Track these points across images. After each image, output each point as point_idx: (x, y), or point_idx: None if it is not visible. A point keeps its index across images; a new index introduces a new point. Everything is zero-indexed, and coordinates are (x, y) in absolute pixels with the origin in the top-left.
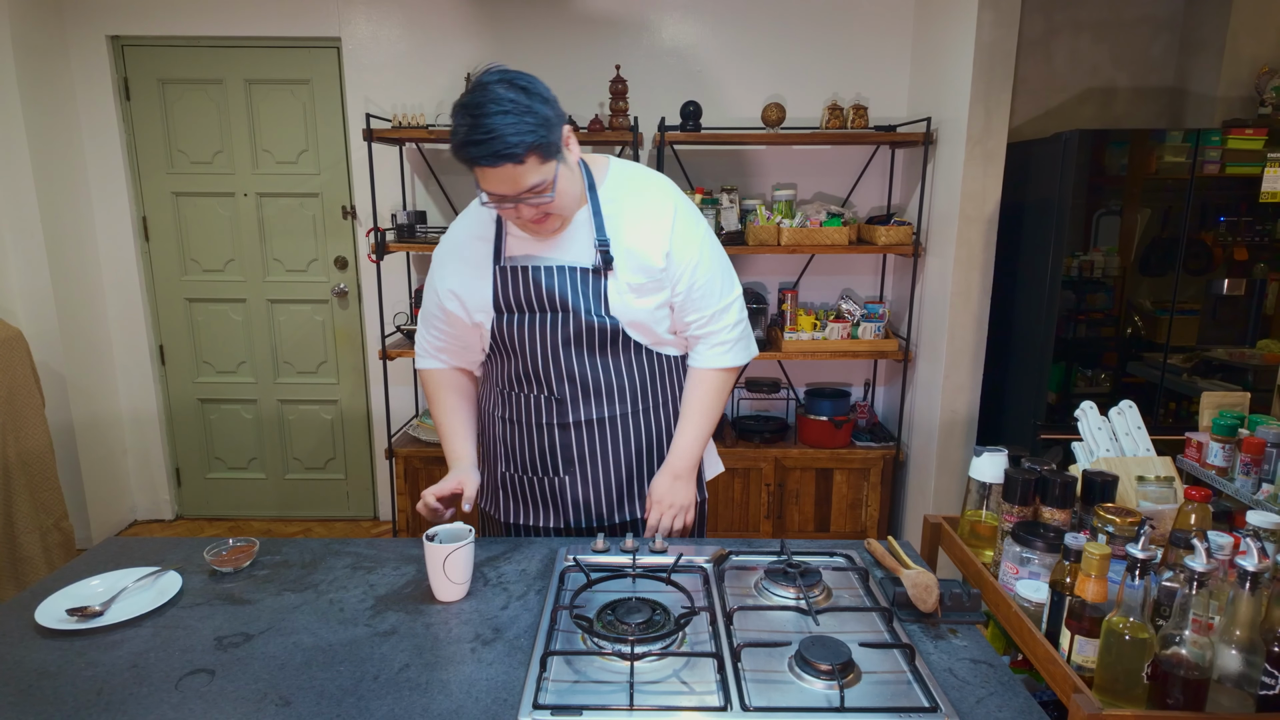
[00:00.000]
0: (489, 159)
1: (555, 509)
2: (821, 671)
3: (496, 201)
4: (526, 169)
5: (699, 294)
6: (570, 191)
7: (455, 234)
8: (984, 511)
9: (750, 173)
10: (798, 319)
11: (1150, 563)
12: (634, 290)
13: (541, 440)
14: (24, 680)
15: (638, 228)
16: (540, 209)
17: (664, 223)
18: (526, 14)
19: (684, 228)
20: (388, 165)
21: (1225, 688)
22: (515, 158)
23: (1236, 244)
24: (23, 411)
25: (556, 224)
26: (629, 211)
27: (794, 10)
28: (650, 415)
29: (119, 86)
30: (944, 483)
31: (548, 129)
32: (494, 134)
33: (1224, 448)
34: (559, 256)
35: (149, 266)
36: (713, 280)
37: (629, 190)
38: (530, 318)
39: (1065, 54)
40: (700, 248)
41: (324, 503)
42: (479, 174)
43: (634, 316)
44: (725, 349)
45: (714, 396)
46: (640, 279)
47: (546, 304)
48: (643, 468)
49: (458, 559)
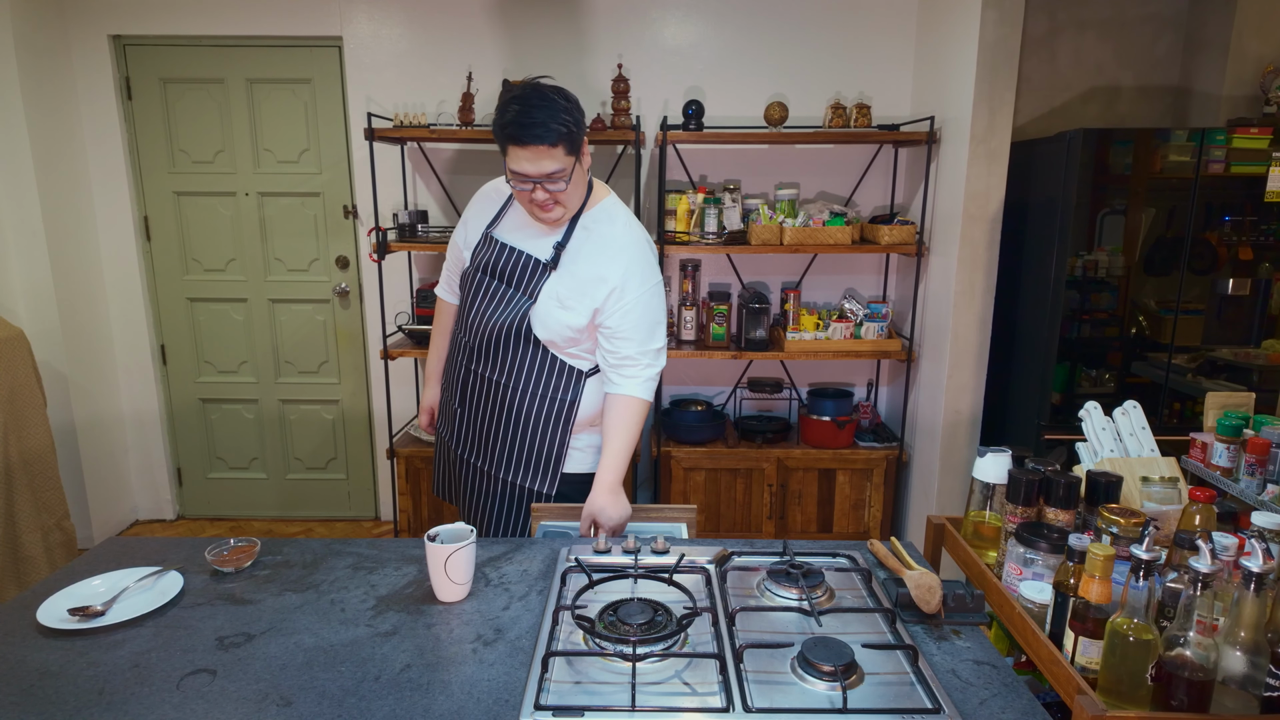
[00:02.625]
0: (530, 138)
1: (453, 432)
2: (824, 673)
3: (519, 182)
4: (553, 155)
5: (628, 331)
6: (576, 190)
7: (488, 186)
8: (987, 512)
9: (753, 172)
10: (800, 319)
11: (1154, 564)
12: (559, 302)
13: (457, 373)
14: (26, 679)
15: (595, 257)
16: (552, 196)
17: (618, 271)
18: (529, 13)
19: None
20: (389, 164)
21: (1230, 689)
22: (549, 141)
23: (1241, 243)
24: (24, 411)
25: (559, 214)
26: (595, 240)
27: (796, 9)
28: (526, 396)
29: (121, 86)
30: (947, 483)
31: (577, 129)
32: (537, 120)
33: (1229, 448)
34: (526, 245)
35: (150, 266)
36: (640, 326)
37: (605, 222)
38: (482, 278)
39: (1069, 53)
40: (640, 297)
41: (325, 503)
42: (512, 154)
43: (547, 317)
44: (639, 383)
45: (632, 418)
46: (571, 297)
47: (496, 273)
48: (509, 437)
49: (459, 559)
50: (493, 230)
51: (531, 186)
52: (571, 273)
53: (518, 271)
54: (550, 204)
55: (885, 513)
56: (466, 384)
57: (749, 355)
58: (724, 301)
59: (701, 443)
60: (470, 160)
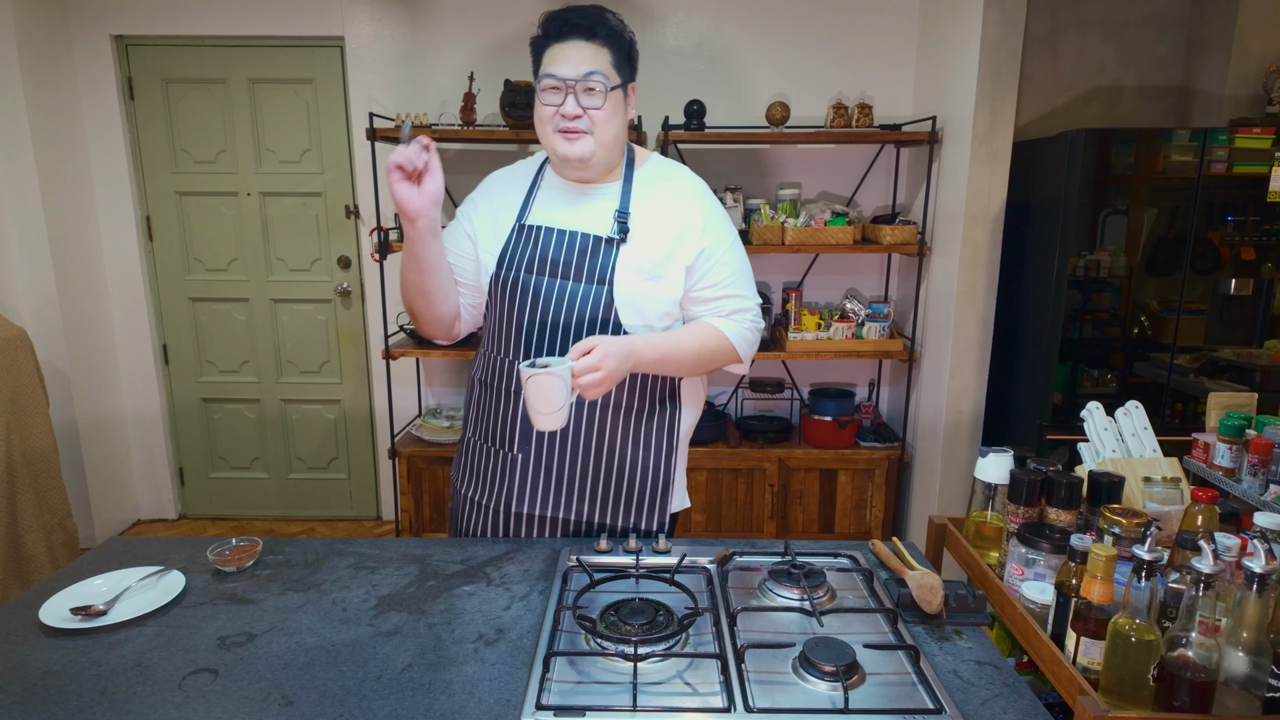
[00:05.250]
0: (574, 31)
1: (503, 488)
2: (825, 673)
3: (548, 92)
4: (597, 56)
5: (731, 280)
6: (612, 124)
7: (499, 173)
8: (989, 512)
9: (754, 172)
10: (802, 319)
11: (1156, 564)
12: (646, 274)
13: (508, 408)
14: (28, 679)
15: (668, 208)
16: (584, 113)
17: (698, 213)
18: (530, 14)
19: (716, 224)
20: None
21: (1232, 690)
22: (600, 36)
23: (1244, 243)
24: (27, 411)
25: (588, 149)
26: (662, 189)
27: (798, 9)
28: (620, 419)
29: (123, 86)
30: (949, 484)
31: (630, 46)
32: (588, 12)
33: (1231, 449)
34: (578, 224)
35: (153, 266)
36: (742, 274)
37: (664, 176)
38: (531, 279)
39: (1071, 52)
40: (734, 242)
41: (327, 502)
42: (549, 56)
43: (635, 298)
44: (739, 330)
45: (701, 341)
46: (657, 263)
47: (548, 268)
48: (598, 473)
49: (542, 386)
50: (526, 220)
51: (563, 95)
52: (647, 235)
53: (575, 257)
54: (579, 121)
55: (887, 513)
56: (530, 426)
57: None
58: None
59: (703, 443)
60: (472, 160)
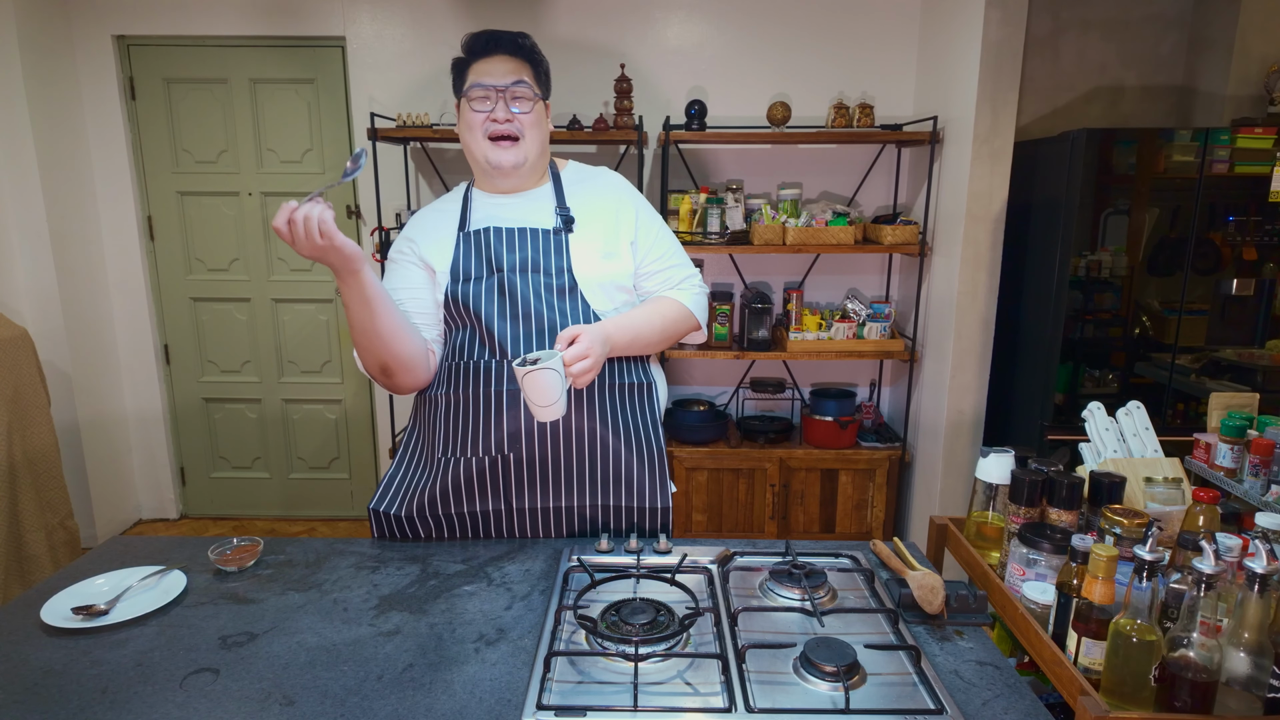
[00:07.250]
0: (498, 48)
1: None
2: (826, 673)
3: (477, 100)
4: (521, 68)
5: (667, 251)
6: (539, 132)
7: (419, 214)
8: (990, 513)
9: (755, 172)
10: (803, 319)
11: (1158, 565)
12: (600, 253)
13: (489, 411)
14: (29, 678)
15: (601, 198)
16: (513, 119)
17: (626, 196)
18: (531, 13)
19: (644, 206)
20: (392, 164)
21: (1233, 690)
22: (522, 55)
23: (1245, 244)
24: (28, 411)
25: (518, 154)
26: (589, 185)
27: (799, 8)
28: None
29: (124, 86)
30: (950, 484)
31: (544, 65)
32: (505, 33)
33: (1232, 449)
34: (522, 221)
35: (154, 266)
36: (675, 246)
37: (589, 175)
38: (489, 279)
39: (1073, 52)
40: (657, 218)
41: (328, 502)
42: (475, 69)
43: (595, 279)
44: (689, 295)
45: (664, 314)
46: (606, 240)
47: (505, 265)
48: (594, 457)
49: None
50: (469, 229)
51: (493, 103)
52: (589, 221)
53: (530, 251)
54: (510, 126)
55: (888, 513)
56: (518, 423)
57: (751, 355)
58: (726, 301)
59: (704, 443)
60: None
